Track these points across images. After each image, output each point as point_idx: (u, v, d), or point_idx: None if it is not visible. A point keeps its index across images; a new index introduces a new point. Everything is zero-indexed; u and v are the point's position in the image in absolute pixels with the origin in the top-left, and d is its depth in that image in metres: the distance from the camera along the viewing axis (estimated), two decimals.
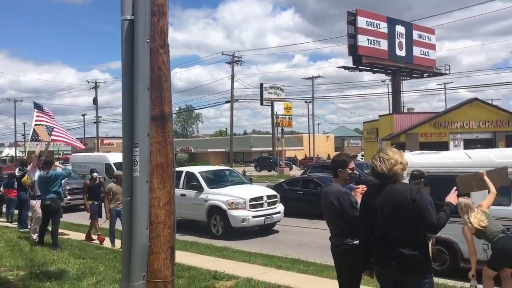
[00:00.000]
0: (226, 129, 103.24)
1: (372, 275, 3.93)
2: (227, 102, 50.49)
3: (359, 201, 4.39)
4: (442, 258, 7.66)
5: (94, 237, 11.19)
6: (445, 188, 3.90)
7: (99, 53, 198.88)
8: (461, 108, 41.80)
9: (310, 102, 56.27)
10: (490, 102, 48.88)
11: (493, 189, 5.86)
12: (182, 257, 8.70)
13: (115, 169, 19.88)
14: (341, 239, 4.42)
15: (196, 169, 14.12)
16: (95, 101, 60.56)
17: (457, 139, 40.69)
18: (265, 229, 12.94)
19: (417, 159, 7.80)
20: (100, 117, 63.64)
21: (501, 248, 5.54)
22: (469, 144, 38.37)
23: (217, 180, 13.78)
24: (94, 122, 62.36)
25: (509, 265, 5.58)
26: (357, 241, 4.29)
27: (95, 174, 11.94)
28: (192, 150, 76.93)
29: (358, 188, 4.52)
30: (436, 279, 4.25)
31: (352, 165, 4.58)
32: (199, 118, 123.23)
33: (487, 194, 5.93)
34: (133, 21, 3.22)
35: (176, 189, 3.79)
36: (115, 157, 22.52)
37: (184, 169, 14.20)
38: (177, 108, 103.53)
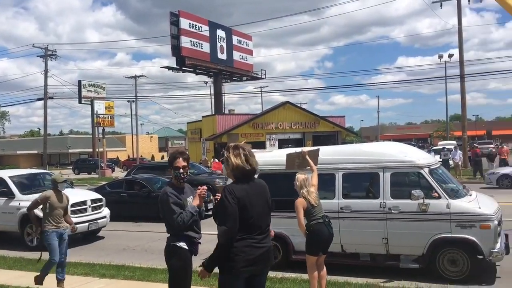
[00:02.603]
0: (39, 129, 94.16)
1: (207, 275, 3.73)
2: (39, 99, 45.89)
3: (198, 203, 4.30)
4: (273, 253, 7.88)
5: None
6: (278, 184, 4.05)
7: None
8: (275, 111, 45.34)
9: (133, 101, 54.78)
10: (299, 105, 53.98)
11: (314, 168, 6.38)
12: None
13: None
14: (168, 239, 4.38)
15: (5, 173, 12.46)
16: None
17: (272, 139, 43.96)
18: (88, 236, 12.04)
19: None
20: None
21: (316, 232, 5.88)
22: (283, 144, 41.80)
23: (31, 185, 12.29)
24: None
25: (323, 250, 6.07)
26: (180, 243, 4.28)
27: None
28: None
29: (199, 190, 4.35)
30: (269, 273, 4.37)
31: (180, 163, 4.36)
32: (6, 117, 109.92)
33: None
34: None
35: None
36: None
37: None
38: None
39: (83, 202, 11.62)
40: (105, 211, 12.31)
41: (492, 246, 6.69)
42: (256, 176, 3.78)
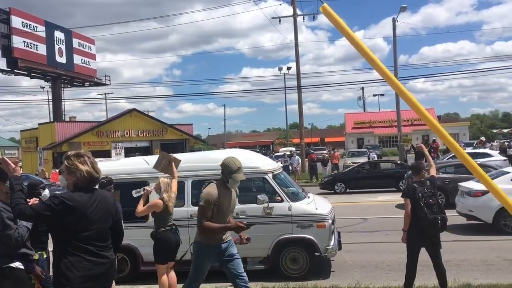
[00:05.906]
0: None
1: None
2: None
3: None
4: (121, 266, 7.40)
5: None
6: (125, 194, 3.90)
7: None
8: (121, 118, 43.76)
9: None
10: (147, 113, 53.02)
11: (176, 175, 6.35)
12: None
13: None
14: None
15: None
16: None
17: (118, 148, 42.28)
18: None
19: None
20: None
21: (164, 239, 5.92)
22: (130, 152, 40.51)
23: None
24: None
25: (170, 257, 6.06)
26: (15, 263, 3.93)
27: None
28: None
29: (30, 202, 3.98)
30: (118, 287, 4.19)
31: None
32: None
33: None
34: None
35: None
36: None
37: None
38: None
39: None
40: None
41: (327, 243, 7.34)
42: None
